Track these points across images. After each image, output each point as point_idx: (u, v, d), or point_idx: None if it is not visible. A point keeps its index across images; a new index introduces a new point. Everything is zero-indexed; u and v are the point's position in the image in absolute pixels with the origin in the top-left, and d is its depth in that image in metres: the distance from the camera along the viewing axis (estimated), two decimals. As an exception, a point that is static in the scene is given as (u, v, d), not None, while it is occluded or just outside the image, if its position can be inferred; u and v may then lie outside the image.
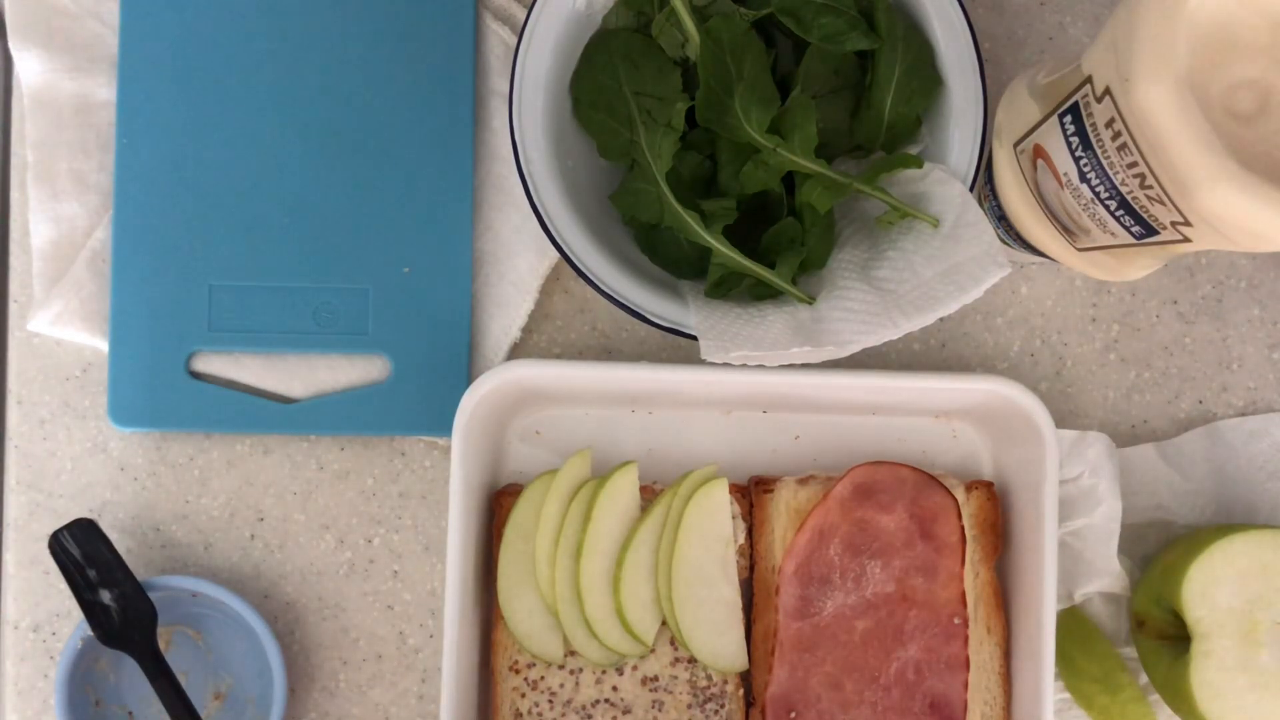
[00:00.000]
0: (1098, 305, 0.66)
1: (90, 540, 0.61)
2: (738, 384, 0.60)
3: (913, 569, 0.60)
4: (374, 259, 0.64)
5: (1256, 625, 0.57)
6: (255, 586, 0.65)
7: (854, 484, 0.60)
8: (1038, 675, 0.59)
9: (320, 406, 0.64)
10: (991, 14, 0.66)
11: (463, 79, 0.64)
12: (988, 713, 0.61)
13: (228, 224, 0.64)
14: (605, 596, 0.60)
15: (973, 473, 0.64)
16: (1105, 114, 0.45)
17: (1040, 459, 0.59)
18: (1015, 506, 0.62)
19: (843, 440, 0.64)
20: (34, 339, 0.65)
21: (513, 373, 0.60)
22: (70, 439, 0.65)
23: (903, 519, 0.60)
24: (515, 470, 0.64)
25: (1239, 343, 0.66)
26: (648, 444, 0.64)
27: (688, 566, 0.60)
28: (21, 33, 0.64)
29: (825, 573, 0.60)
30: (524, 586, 0.60)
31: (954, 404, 0.62)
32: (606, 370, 0.61)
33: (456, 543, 0.58)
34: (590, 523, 0.60)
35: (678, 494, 0.61)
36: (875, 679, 0.59)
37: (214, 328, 0.63)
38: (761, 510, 0.61)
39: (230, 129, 0.64)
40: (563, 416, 0.64)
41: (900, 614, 0.60)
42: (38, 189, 0.64)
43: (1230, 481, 0.65)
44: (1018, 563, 0.61)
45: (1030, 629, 0.60)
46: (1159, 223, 0.47)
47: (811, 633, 0.60)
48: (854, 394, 0.62)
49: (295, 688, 0.64)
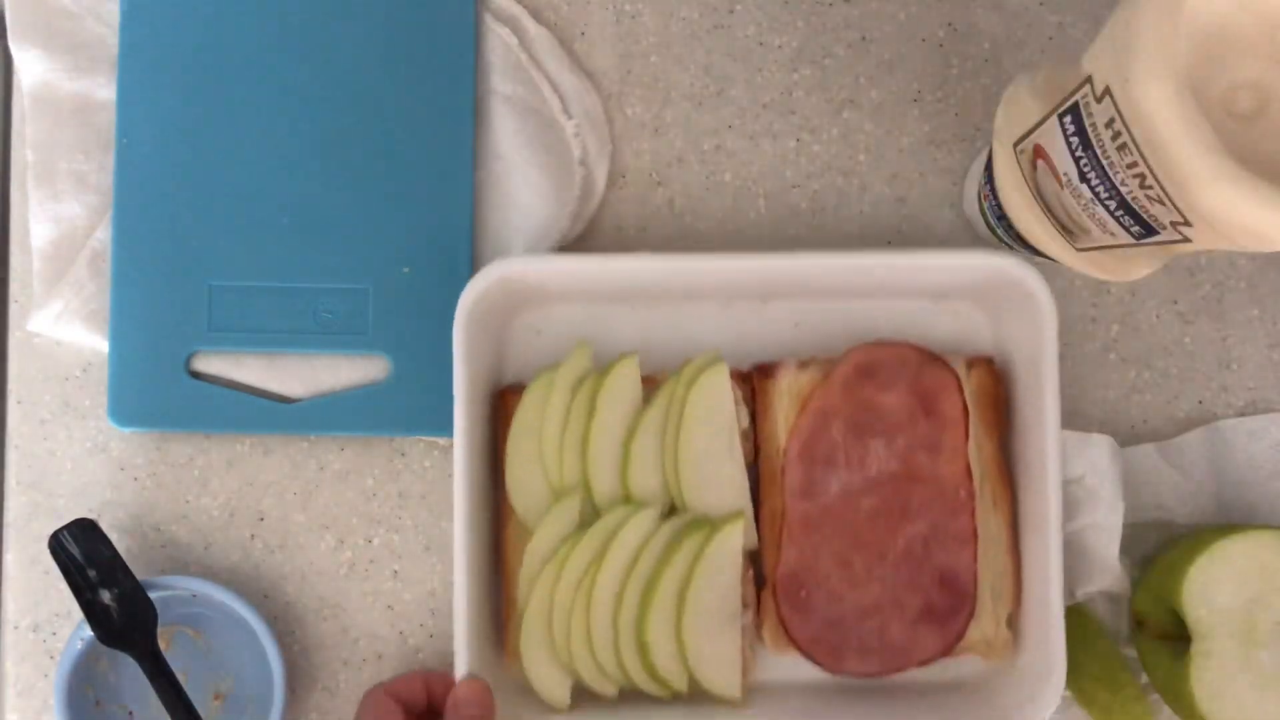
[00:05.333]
0: (1098, 305, 0.66)
1: (90, 540, 0.61)
2: (736, 270, 0.61)
3: (916, 446, 0.60)
4: (374, 259, 0.64)
5: (1256, 625, 0.57)
6: (255, 586, 0.65)
7: (855, 364, 0.60)
8: (1045, 545, 0.59)
9: (320, 406, 0.64)
10: (991, 14, 0.66)
11: (463, 79, 0.64)
12: (997, 585, 0.61)
13: (228, 224, 0.64)
14: (613, 485, 0.60)
15: (973, 351, 0.64)
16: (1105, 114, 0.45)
17: (1040, 332, 0.59)
18: (1017, 381, 0.62)
19: (843, 326, 0.63)
20: (34, 339, 0.65)
21: (509, 268, 0.59)
22: (70, 439, 0.65)
23: (905, 397, 0.60)
24: (518, 371, 0.64)
25: (1239, 343, 0.66)
26: (648, 339, 0.64)
27: (693, 452, 0.60)
28: (21, 33, 0.64)
29: (829, 453, 0.60)
30: (533, 480, 0.61)
31: (953, 283, 0.62)
32: (604, 262, 0.61)
33: (463, 443, 0.59)
34: (595, 414, 0.60)
35: (680, 380, 0.60)
36: (884, 556, 0.60)
37: (214, 328, 0.63)
38: (764, 395, 0.61)
39: (230, 129, 0.64)
40: (562, 314, 0.64)
41: (905, 491, 0.60)
42: (38, 189, 0.64)
43: (1230, 481, 0.65)
44: (1021, 436, 0.61)
45: (1036, 500, 0.60)
46: (1159, 223, 0.47)
47: (818, 513, 0.60)
48: (853, 277, 0.61)
49: (295, 688, 0.64)
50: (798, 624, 0.60)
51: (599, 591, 0.59)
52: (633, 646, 0.60)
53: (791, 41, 0.66)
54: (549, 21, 0.66)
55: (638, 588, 0.59)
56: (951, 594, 0.60)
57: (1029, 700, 0.59)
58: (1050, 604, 0.58)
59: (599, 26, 0.66)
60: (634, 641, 0.59)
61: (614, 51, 0.66)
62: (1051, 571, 0.58)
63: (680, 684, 0.60)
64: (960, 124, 0.66)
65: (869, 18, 0.66)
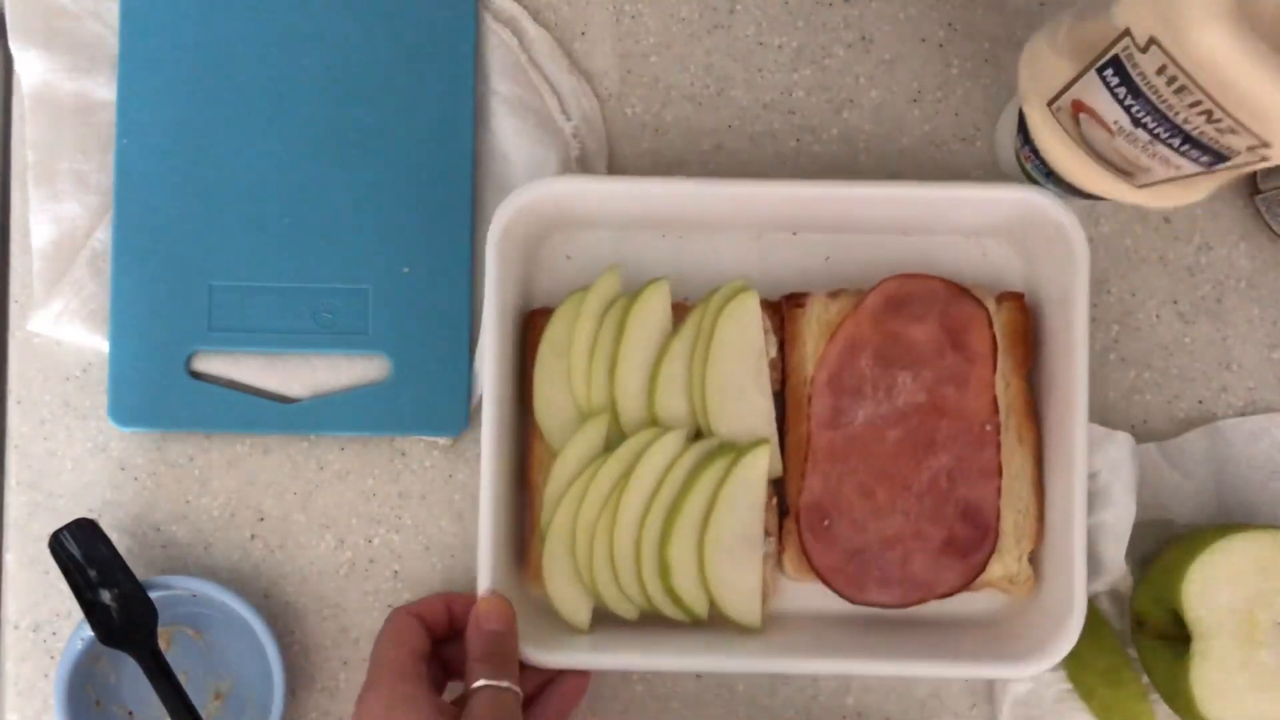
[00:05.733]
0: (1098, 305, 0.66)
1: (90, 540, 0.61)
2: (768, 196, 0.61)
3: (944, 379, 0.60)
4: (374, 259, 0.64)
5: (1256, 625, 0.57)
6: (255, 586, 0.65)
7: (885, 296, 0.60)
8: (1069, 483, 0.59)
9: (320, 406, 0.64)
10: (991, 14, 0.66)
11: (463, 79, 0.64)
12: (1020, 520, 0.61)
13: (228, 224, 0.64)
14: (641, 408, 0.60)
15: (1004, 288, 0.63)
16: (1154, 62, 0.45)
17: (1071, 270, 0.59)
18: (1046, 318, 0.62)
19: (872, 260, 0.63)
20: (34, 339, 0.65)
21: (544, 188, 0.60)
22: (70, 439, 0.65)
23: (933, 330, 0.60)
24: (547, 294, 0.64)
25: (1239, 343, 0.66)
26: (678, 266, 0.64)
27: (721, 378, 0.60)
28: (21, 33, 0.64)
29: (857, 383, 0.60)
30: (560, 401, 0.61)
31: (984, 218, 0.62)
32: (637, 184, 0.61)
33: (492, 362, 0.59)
34: (623, 337, 0.60)
35: (709, 307, 0.61)
36: (908, 487, 0.60)
37: (214, 328, 0.63)
38: (793, 324, 0.62)
39: (230, 129, 0.64)
40: (593, 240, 0.64)
41: (932, 423, 0.60)
42: (38, 189, 0.64)
43: (1230, 481, 0.65)
44: (1049, 373, 0.61)
45: (1062, 438, 0.60)
46: (1232, 149, 0.47)
47: (844, 442, 0.60)
48: (884, 209, 0.61)
49: (295, 688, 0.64)
50: (819, 553, 0.60)
51: (623, 513, 0.59)
52: (655, 569, 0.60)
53: (791, 41, 0.66)
54: (549, 22, 0.66)
55: (662, 510, 0.59)
56: (974, 527, 0.60)
57: (1048, 637, 0.58)
58: (1073, 542, 0.58)
59: (599, 27, 0.66)
60: (656, 564, 0.60)
61: (614, 51, 0.66)
62: (1075, 510, 0.58)
63: (700, 609, 0.60)
64: (960, 124, 0.66)
65: (869, 18, 0.66)
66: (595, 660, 0.60)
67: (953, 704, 0.65)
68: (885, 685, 0.65)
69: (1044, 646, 0.58)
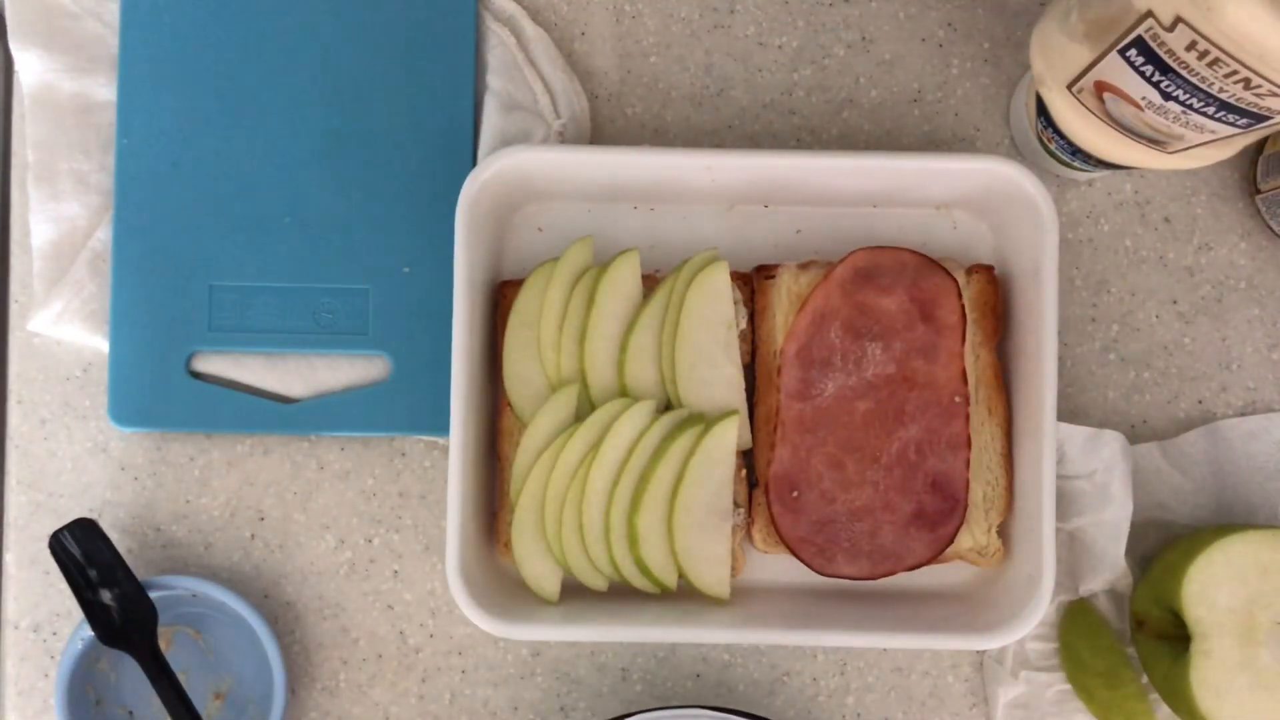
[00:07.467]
0: (1098, 305, 0.66)
1: (90, 540, 0.61)
2: (739, 170, 0.61)
3: (913, 351, 0.60)
4: (374, 259, 0.64)
5: (1256, 625, 0.57)
6: (255, 586, 0.65)
7: (854, 267, 0.60)
8: (1038, 455, 0.59)
9: (320, 406, 0.64)
10: (991, 14, 0.66)
11: (463, 79, 0.64)
12: (989, 492, 0.61)
13: (228, 224, 0.64)
14: (610, 379, 0.60)
15: (974, 260, 0.64)
16: (1182, 40, 0.45)
17: (1040, 240, 0.59)
18: (1016, 290, 0.62)
19: (843, 233, 0.64)
20: (34, 339, 0.65)
21: (513, 158, 0.60)
22: (70, 439, 0.65)
23: (903, 301, 0.60)
24: (518, 265, 0.64)
25: (1239, 343, 0.66)
26: (650, 239, 0.64)
27: (691, 348, 0.60)
28: (21, 33, 0.64)
29: (826, 355, 0.60)
30: (530, 372, 0.61)
31: (954, 189, 0.62)
32: (606, 154, 0.61)
33: (461, 334, 0.59)
34: (593, 307, 0.60)
35: (679, 278, 0.61)
36: (877, 459, 0.60)
37: (214, 328, 0.64)
38: (763, 296, 0.62)
39: (230, 129, 0.64)
40: (564, 211, 0.64)
41: (901, 395, 0.60)
42: (38, 189, 0.64)
43: (1230, 481, 0.65)
44: (1018, 345, 0.62)
45: (1031, 409, 0.60)
46: (1272, 110, 0.47)
47: (813, 414, 0.60)
48: (854, 180, 0.61)
49: (295, 688, 0.64)
50: (788, 524, 0.60)
51: (592, 484, 0.59)
52: (624, 540, 0.60)
53: (791, 41, 0.66)
54: (549, 22, 0.66)
55: (631, 481, 0.59)
56: (943, 498, 0.60)
57: (1017, 609, 0.59)
58: (1041, 514, 0.58)
59: (599, 27, 0.66)
60: (625, 535, 0.60)
61: (614, 51, 0.66)
62: (1044, 482, 0.58)
63: (669, 580, 0.60)
64: (960, 124, 0.66)
65: (869, 18, 0.67)
66: (564, 632, 0.59)
67: (953, 704, 0.65)
68: (885, 685, 0.65)
69: (1013, 618, 0.58)
